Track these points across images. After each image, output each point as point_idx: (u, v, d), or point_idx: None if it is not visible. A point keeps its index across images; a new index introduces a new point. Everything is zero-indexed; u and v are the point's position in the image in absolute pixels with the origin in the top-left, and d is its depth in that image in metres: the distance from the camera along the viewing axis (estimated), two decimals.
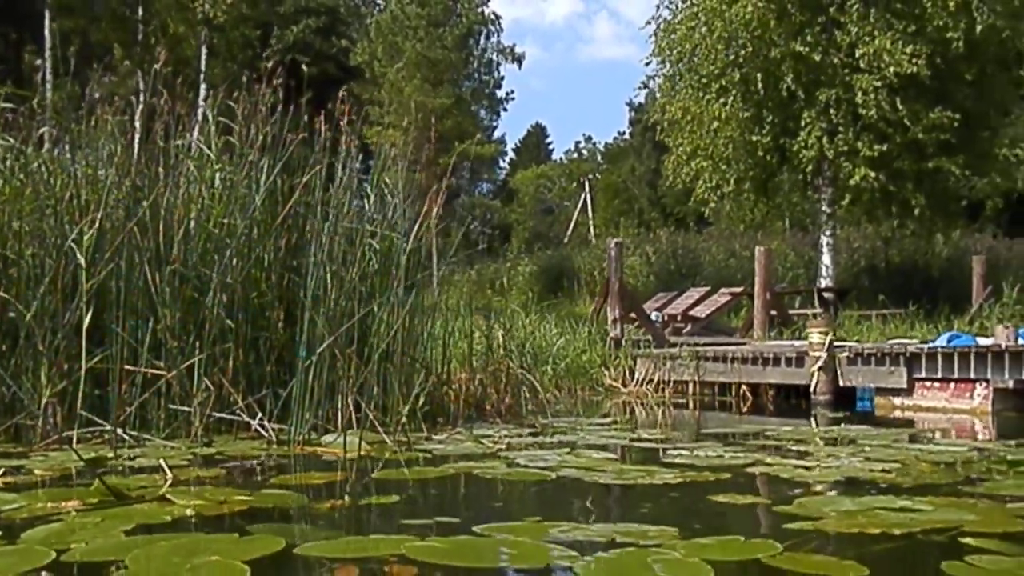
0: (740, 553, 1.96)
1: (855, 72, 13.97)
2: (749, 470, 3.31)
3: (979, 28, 13.56)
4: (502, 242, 42.08)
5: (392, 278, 4.88)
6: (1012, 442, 4.40)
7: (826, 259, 15.76)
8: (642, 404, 8.15)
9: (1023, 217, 29.53)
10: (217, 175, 5.12)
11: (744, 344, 9.96)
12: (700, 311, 13.40)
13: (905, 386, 7.05)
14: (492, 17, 36.75)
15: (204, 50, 18.32)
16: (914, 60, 13.48)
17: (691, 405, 8.30)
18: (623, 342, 9.90)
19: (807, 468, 3.32)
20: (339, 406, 4.36)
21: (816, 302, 13.57)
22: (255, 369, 4.65)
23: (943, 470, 3.30)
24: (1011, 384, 6.40)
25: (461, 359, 6.06)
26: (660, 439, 4.68)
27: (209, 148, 5.22)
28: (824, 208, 15.61)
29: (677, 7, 16.34)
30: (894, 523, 2.24)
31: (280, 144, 5.15)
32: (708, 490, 2.80)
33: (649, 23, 16.56)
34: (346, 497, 2.81)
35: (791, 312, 13.25)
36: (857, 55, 13.83)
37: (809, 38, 14.09)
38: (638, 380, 9.15)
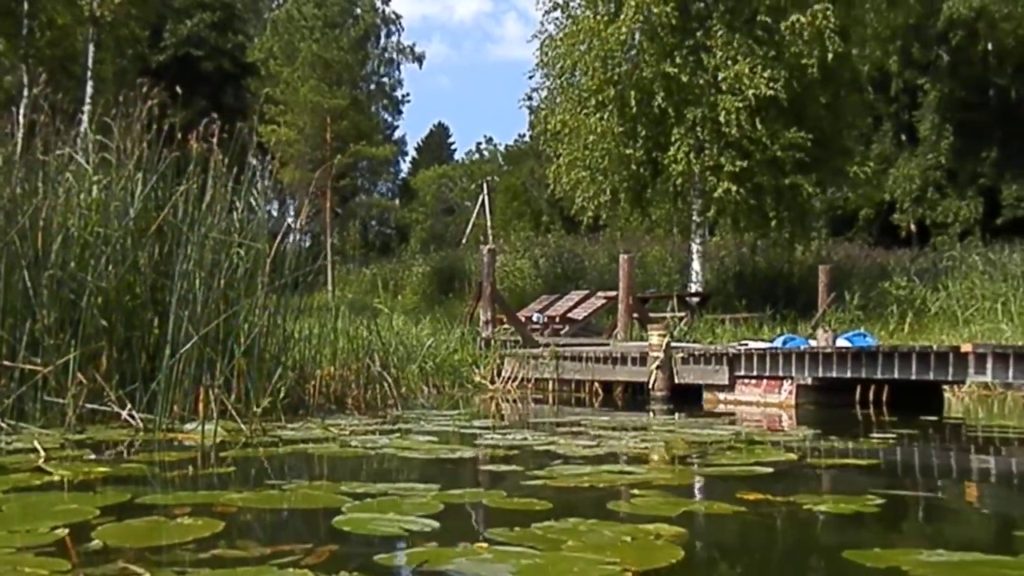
0: (472, 498, 2.68)
1: (719, 93, 15.09)
2: (538, 448, 4.05)
3: (830, 56, 14.82)
4: (400, 242, 42.50)
5: (256, 283, 5.46)
6: (809, 429, 5.28)
7: (696, 265, 16.92)
8: (505, 400, 8.88)
9: (892, 227, 31.83)
10: (95, 187, 5.59)
11: (606, 345, 10.83)
12: (578, 313, 14.29)
13: (727, 383, 7.99)
14: (392, 16, 37.19)
15: (91, 46, 18.25)
16: (772, 84, 14.66)
17: (551, 400, 9.07)
18: (493, 342, 10.64)
19: (585, 446, 4.08)
20: (202, 398, 4.91)
21: (677, 306, 14.61)
22: (127, 365, 5.16)
23: (692, 447, 4.11)
24: (810, 380, 7.39)
25: (330, 357, 6.67)
26: (489, 427, 5.39)
27: (88, 160, 5.69)
28: (695, 218, 16.74)
29: (560, 23, 17.22)
30: (605, 480, 3.00)
31: (157, 156, 5.66)
32: (488, 462, 3.52)
33: (536, 37, 17.41)
34: (190, 468, 3.42)
35: (662, 315, 14.29)
36: (720, 78, 14.96)
37: (678, 60, 15.14)
38: (504, 378, 9.89)
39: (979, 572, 1.83)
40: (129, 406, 4.86)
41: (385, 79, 38.64)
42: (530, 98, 17.60)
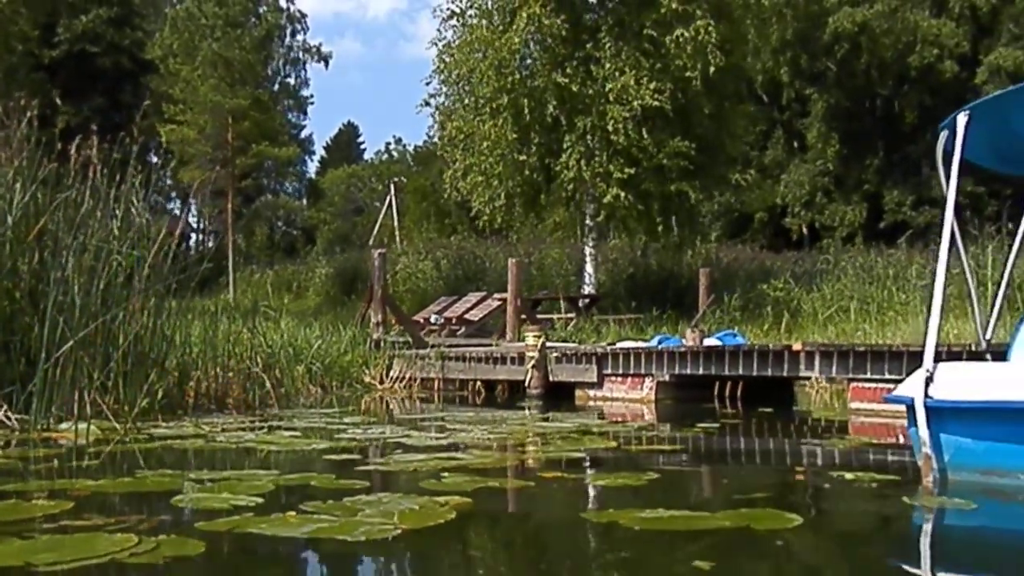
0: (303, 481, 3.08)
1: (608, 103, 15.75)
2: (390, 440, 4.46)
3: (712, 69, 15.62)
4: (306, 243, 42.27)
5: (133, 289, 5.71)
6: (654, 420, 5.80)
7: (589, 268, 17.59)
8: (392, 399, 9.24)
9: (785, 231, 33.34)
10: None
11: (491, 345, 11.29)
12: (474, 314, 14.74)
13: (596, 380, 8.55)
14: (298, 15, 37.01)
15: None
16: (657, 95, 15.39)
17: (436, 399, 9.47)
18: (383, 343, 10.99)
19: (435, 438, 4.51)
20: (77, 399, 5.15)
21: (565, 307, 15.20)
22: (5, 368, 5.35)
23: (531, 438, 4.59)
24: (667, 377, 8.00)
25: (212, 358, 6.93)
26: (357, 423, 5.76)
27: None
28: (588, 222, 17.40)
29: (458, 31, 17.64)
30: (436, 466, 3.42)
31: (38, 162, 5.85)
32: (336, 453, 3.91)
33: (434, 43, 17.80)
34: (56, 462, 3.72)
35: (549, 316, 14.91)
36: (608, 88, 15.62)
37: (569, 70, 15.77)
38: (392, 378, 10.26)
39: (672, 523, 2.33)
40: (5, 407, 5.07)
41: (290, 79, 38.45)
42: (427, 103, 17.99)
